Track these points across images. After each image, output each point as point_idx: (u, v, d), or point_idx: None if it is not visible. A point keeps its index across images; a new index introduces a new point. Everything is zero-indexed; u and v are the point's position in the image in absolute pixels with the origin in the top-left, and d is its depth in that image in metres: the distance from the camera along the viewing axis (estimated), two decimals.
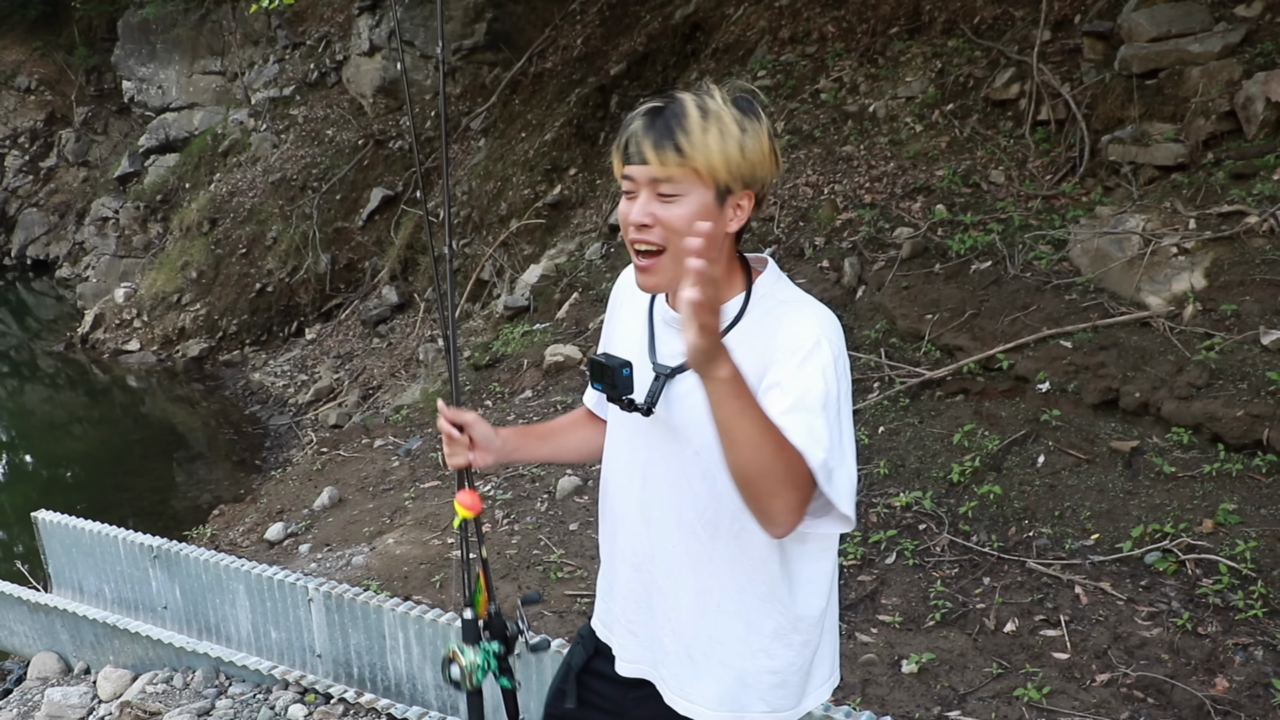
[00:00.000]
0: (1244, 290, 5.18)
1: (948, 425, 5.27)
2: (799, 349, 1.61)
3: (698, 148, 1.59)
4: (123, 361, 13.07)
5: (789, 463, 1.49)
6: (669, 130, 1.60)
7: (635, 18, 11.72)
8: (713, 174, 1.61)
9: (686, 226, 1.60)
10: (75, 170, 19.01)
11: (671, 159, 1.60)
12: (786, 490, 1.50)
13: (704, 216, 1.62)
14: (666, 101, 1.64)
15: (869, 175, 7.41)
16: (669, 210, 1.62)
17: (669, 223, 1.62)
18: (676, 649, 1.82)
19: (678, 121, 1.60)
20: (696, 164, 1.60)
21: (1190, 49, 6.37)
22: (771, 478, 1.49)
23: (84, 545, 4.88)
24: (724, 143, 1.60)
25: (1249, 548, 4.01)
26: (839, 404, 1.61)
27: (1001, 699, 3.61)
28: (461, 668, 1.91)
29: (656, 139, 1.60)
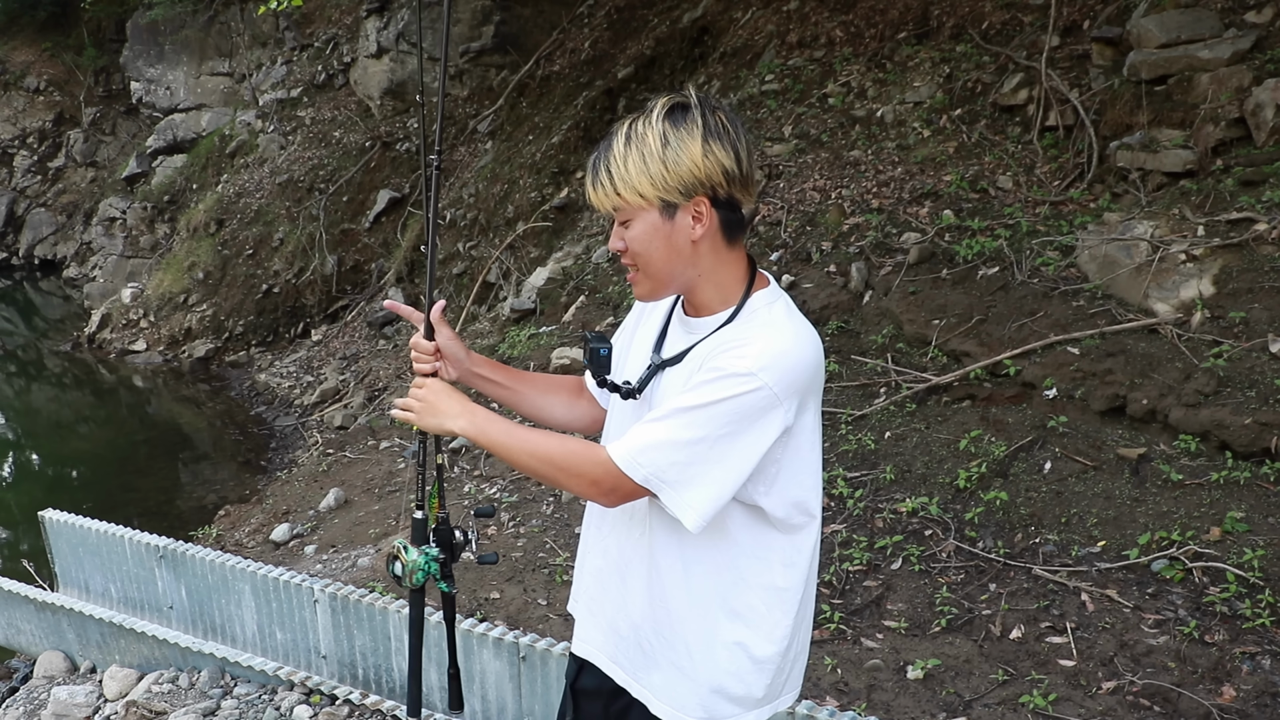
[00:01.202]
0: (1253, 298, 5.16)
1: (954, 431, 5.26)
2: (726, 368, 1.69)
3: (619, 177, 1.74)
4: (129, 361, 13.09)
5: (576, 462, 1.77)
6: (597, 168, 1.78)
7: (643, 21, 11.72)
8: (641, 195, 1.74)
9: (643, 245, 1.78)
10: (83, 170, 19.05)
11: (605, 192, 1.77)
12: (578, 483, 1.77)
13: (656, 231, 1.76)
14: (609, 138, 1.79)
15: (876, 180, 7.41)
16: (629, 233, 1.79)
17: (632, 241, 1.79)
18: (630, 635, 1.91)
19: (605, 156, 1.77)
20: (621, 191, 1.75)
21: (1200, 55, 6.36)
22: (557, 475, 1.80)
23: (90, 545, 4.88)
24: (645, 164, 1.72)
25: (1256, 556, 4.00)
26: (729, 427, 1.68)
27: (1007, 706, 3.60)
28: (403, 564, 2.00)
29: (592, 178, 1.79)
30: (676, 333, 1.90)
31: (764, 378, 1.67)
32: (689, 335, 1.85)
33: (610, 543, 1.95)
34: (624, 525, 1.90)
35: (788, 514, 1.81)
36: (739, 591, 1.82)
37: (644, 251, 1.78)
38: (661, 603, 1.85)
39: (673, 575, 1.83)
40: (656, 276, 1.80)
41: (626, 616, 1.91)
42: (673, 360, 1.84)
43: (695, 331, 1.84)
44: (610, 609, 1.95)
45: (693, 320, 1.86)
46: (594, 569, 2.00)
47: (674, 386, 1.80)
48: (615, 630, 1.93)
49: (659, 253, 1.77)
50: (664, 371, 1.85)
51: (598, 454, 1.75)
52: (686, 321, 1.88)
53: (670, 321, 1.94)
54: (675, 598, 1.84)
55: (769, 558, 1.82)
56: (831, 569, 4.50)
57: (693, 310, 1.86)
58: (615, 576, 1.93)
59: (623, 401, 1.91)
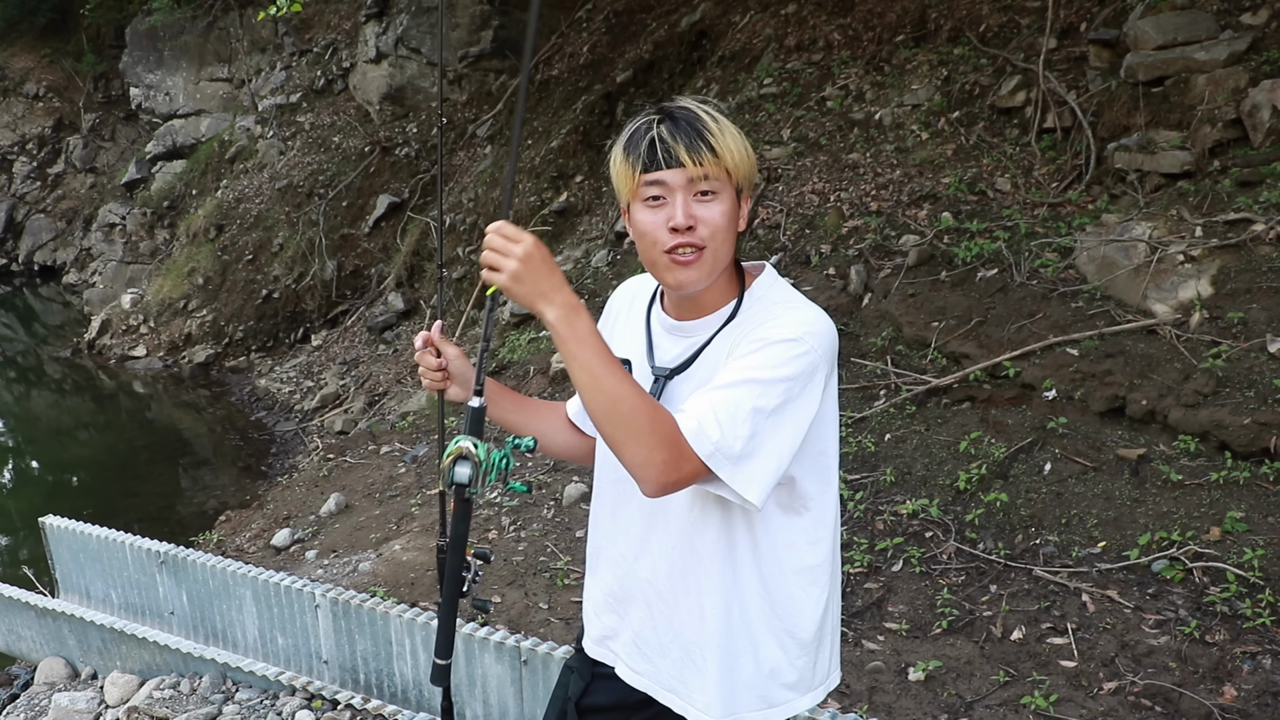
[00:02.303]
0: (1251, 298, 5.17)
1: (954, 433, 5.26)
2: (770, 335, 1.65)
3: (724, 149, 1.66)
4: (129, 367, 13.10)
5: (646, 422, 1.55)
6: (697, 133, 1.65)
7: (641, 25, 11.74)
8: (736, 173, 1.68)
9: (726, 221, 1.69)
10: (82, 176, 19.07)
11: (708, 159, 1.65)
12: (638, 447, 1.55)
13: (733, 214, 1.70)
14: (672, 109, 1.69)
15: (875, 183, 7.42)
16: (708, 209, 1.67)
17: (710, 219, 1.67)
18: (679, 652, 1.83)
19: (701, 124, 1.66)
20: (727, 163, 1.66)
21: (1196, 56, 6.37)
22: (620, 429, 1.56)
23: (91, 551, 4.89)
24: (740, 143, 1.68)
25: (1256, 556, 4.00)
26: (786, 394, 1.62)
27: (1009, 707, 3.61)
28: (476, 462, 1.69)
29: (689, 142, 1.65)
30: (668, 341, 1.82)
31: (809, 342, 1.65)
32: (686, 340, 1.80)
33: (642, 564, 1.85)
34: (670, 541, 1.80)
35: (814, 486, 1.77)
36: (777, 579, 1.78)
37: (721, 230, 1.68)
38: (714, 611, 1.79)
39: (723, 579, 1.77)
40: (717, 260, 1.70)
41: (676, 634, 1.82)
42: (679, 369, 1.77)
43: (692, 334, 1.79)
44: (653, 626, 1.85)
45: (688, 324, 1.79)
46: (626, 584, 1.89)
47: (685, 396, 1.73)
48: (659, 648, 1.85)
49: (729, 236, 1.70)
50: (670, 382, 1.78)
51: (672, 423, 1.58)
52: (680, 326, 1.80)
53: (651, 329, 1.86)
54: (724, 603, 1.78)
55: (797, 541, 1.79)
56: None
57: (689, 312, 1.79)
58: (652, 596, 1.84)
59: None
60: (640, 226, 1.71)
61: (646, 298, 1.92)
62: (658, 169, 1.66)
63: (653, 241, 1.70)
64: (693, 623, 1.80)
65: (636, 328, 1.89)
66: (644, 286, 1.94)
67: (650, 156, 1.66)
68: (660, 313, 1.84)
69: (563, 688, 2.05)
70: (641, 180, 1.68)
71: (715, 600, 1.78)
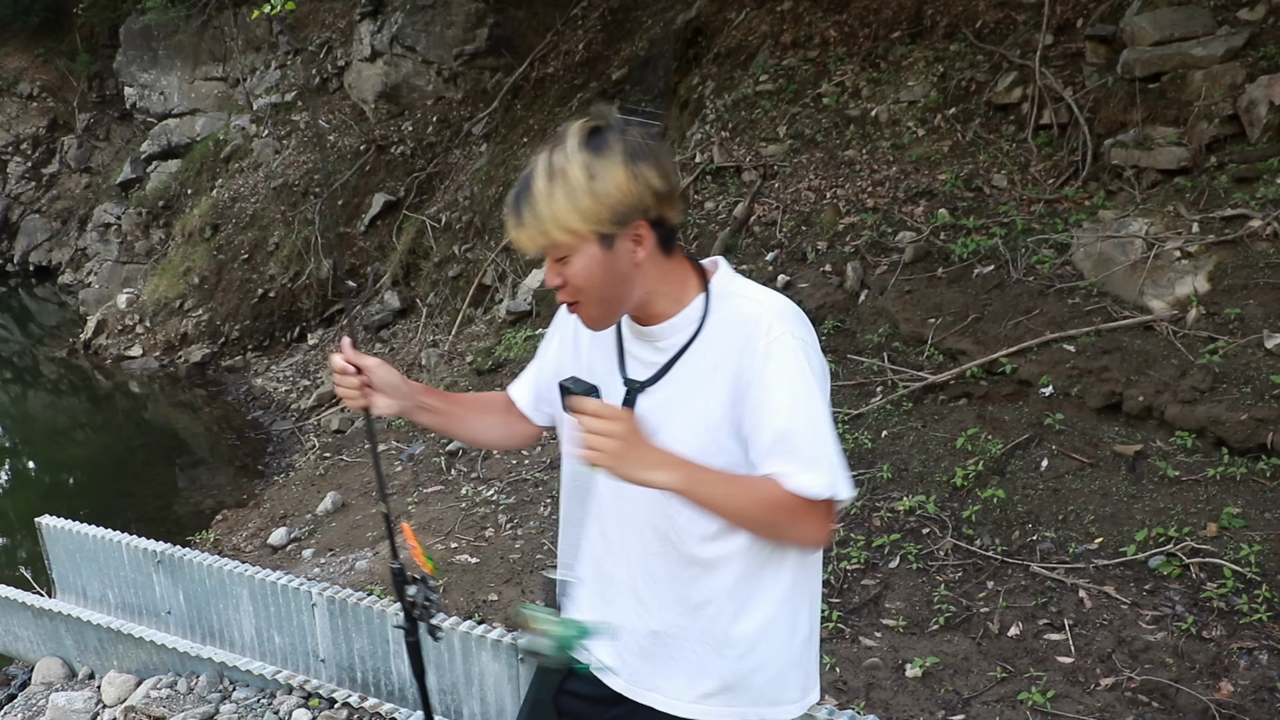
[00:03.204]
0: (1247, 294, 5.17)
1: (951, 429, 5.27)
2: (769, 353, 1.66)
3: (547, 217, 1.64)
4: (125, 367, 13.08)
5: (787, 511, 1.65)
6: (519, 209, 1.67)
7: (637, 22, 11.73)
8: (575, 232, 1.65)
9: (585, 280, 1.69)
10: (77, 176, 19.03)
11: (530, 233, 1.67)
12: (798, 527, 1.68)
13: (597, 263, 1.68)
14: (525, 174, 1.70)
15: (871, 179, 7.42)
16: (569, 268, 1.69)
17: (574, 277, 1.69)
18: (641, 645, 1.85)
19: (526, 195, 1.66)
20: (551, 231, 1.65)
21: (1193, 52, 6.37)
22: (774, 527, 1.69)
23: (88, 551, 4.88)
24: (572, 199, 1.63)
25: (1253, 551, 4.01)
26: (819, 396, 1.69)
27: (1006, 703, 3.61)
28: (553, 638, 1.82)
29: (515, 220, 1.69)
30: (637, 349, 1.81)
31: (797, 333, 1.70)
32: (654, 348, 1.79)
33: (620, 568, 1.86)
34: (648, 547, 1.81)
35: None
36: (776, 573, 1.80)
37: (587, 285, 1.69)
38: (683, 611, 1.81)
39: (696, 585, 1.80)
40: (605, 304, 1.72)
41: (633, 631, 1.85)
42: (649, 382, 1.77)
43: (658, 339, 1.77)
44: (622, 624, 1.87)
45: (654, 329, 1.78)
46: (596, 594, 1.90)
47: (661, 406, 1.74)
48: (626, 643, 1.87)
49: (604, 283, 1.69)
50: (641, 394, 1.78)
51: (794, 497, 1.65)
52: (646, 333, 1.79)
53: (622, 335, 1.85)
54: (694, 603, 1.81)
55: (773, 560, 1.82)
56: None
57: (649, 319, 1.78)
58: (628, 596, 1.85)
59: None
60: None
61: None
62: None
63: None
64: (661, 618, 1.83)
65: (609, 337, 1.87)
66: None
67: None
68: (628, 319, 1.83)
69: (536, 684, 2.05)
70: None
71: (690, 602, 1.81)
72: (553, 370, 1.96)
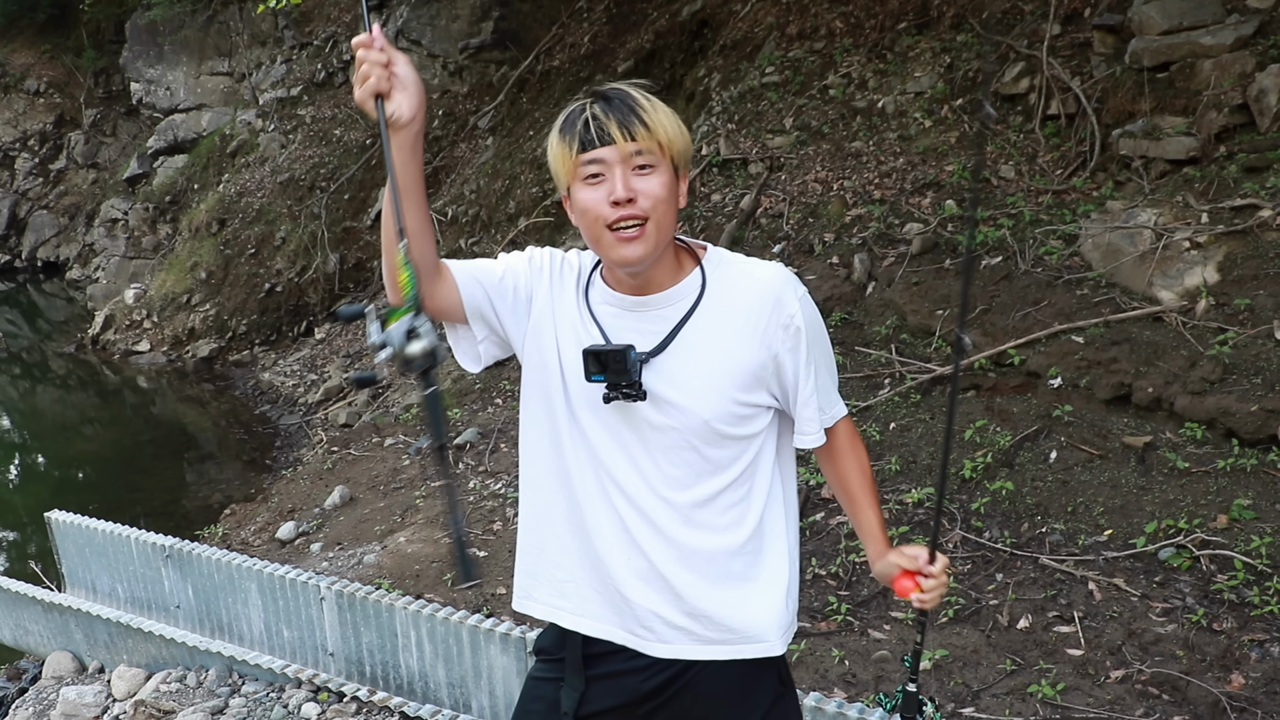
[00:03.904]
0: (1257, 284, 5.15)
1: (959, 421, 5.25)
2: (789, 311, 1.77)
3: (657, 124, 1.70)
4: (133, 362, 13.11)
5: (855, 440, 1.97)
6: (630, 110, 1.70)
7: (642, 15, 11.70)
8: (670, 148, 1.72)
9: (666, 193, 1.71)
10: (84, 172, 19.07)
11: (641, 133, 1.69)
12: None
13: (672, 187, 1.73)
14: (605, 91, 1.73)
15: (878, 171, 7.39)
16: (647, 182, 1.70)
17: (650, 191, 1.70)
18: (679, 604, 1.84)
19: (634, 102, 1.70)
20: (659, 137, 1.70)
21: (1202, 41, 6.33)
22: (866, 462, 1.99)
23: (97, 545, 4.89)
24: (673, 121, 1.73)
25: (1264, 543, 3.99)
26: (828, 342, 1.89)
27: (1015, 695, 3.60)
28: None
29: (621, 119, 1.69)
30: (628, 319, 1.80)
31: (806, 293, 1.83)
32: (652, 317, 1.78)
33: (643, 536, 1.83)
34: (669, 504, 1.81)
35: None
36: (756, 510, 1.87)
37: (657, 204, 1.70)
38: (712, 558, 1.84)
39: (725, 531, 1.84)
40: (660, 233, 1.72)
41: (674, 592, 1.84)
42: (654, 352, 1.77)
43: (659, 307, 1.78)
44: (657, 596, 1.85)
45: (651, 298, 1.78)
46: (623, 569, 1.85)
47: (668, 374, 1.75)
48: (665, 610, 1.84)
49: (667, 209, 1.72)
50: (650, 363, 1.76)
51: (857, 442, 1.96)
52: (642, 302, 1.79)
53: (595, 311, 1.82)
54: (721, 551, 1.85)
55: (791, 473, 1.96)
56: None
57: (646, 288, 1.78)
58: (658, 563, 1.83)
59: (610, 402, 1.77)
60: (582, 204, 1.72)
61: (575, 274, 1.88)
62: (593, 147, 1.69)
63: (595, 218, 1.71)
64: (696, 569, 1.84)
65: (570, 305, 1.84)
66: (574, 263, 1.90)
67: (585, 136, 1.69)
68: (608, 291, 1.82)
69: (539, 701, 1.97)
70: (579, 160, 1.71)
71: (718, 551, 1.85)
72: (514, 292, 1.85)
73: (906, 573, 1.89)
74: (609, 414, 1.80)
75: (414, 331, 1.63)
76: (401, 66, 1.66)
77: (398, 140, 1.67)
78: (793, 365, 1.80)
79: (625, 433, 1.80)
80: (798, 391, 1.82)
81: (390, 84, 1.65)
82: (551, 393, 1.84)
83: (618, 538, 1.84)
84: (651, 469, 1.80)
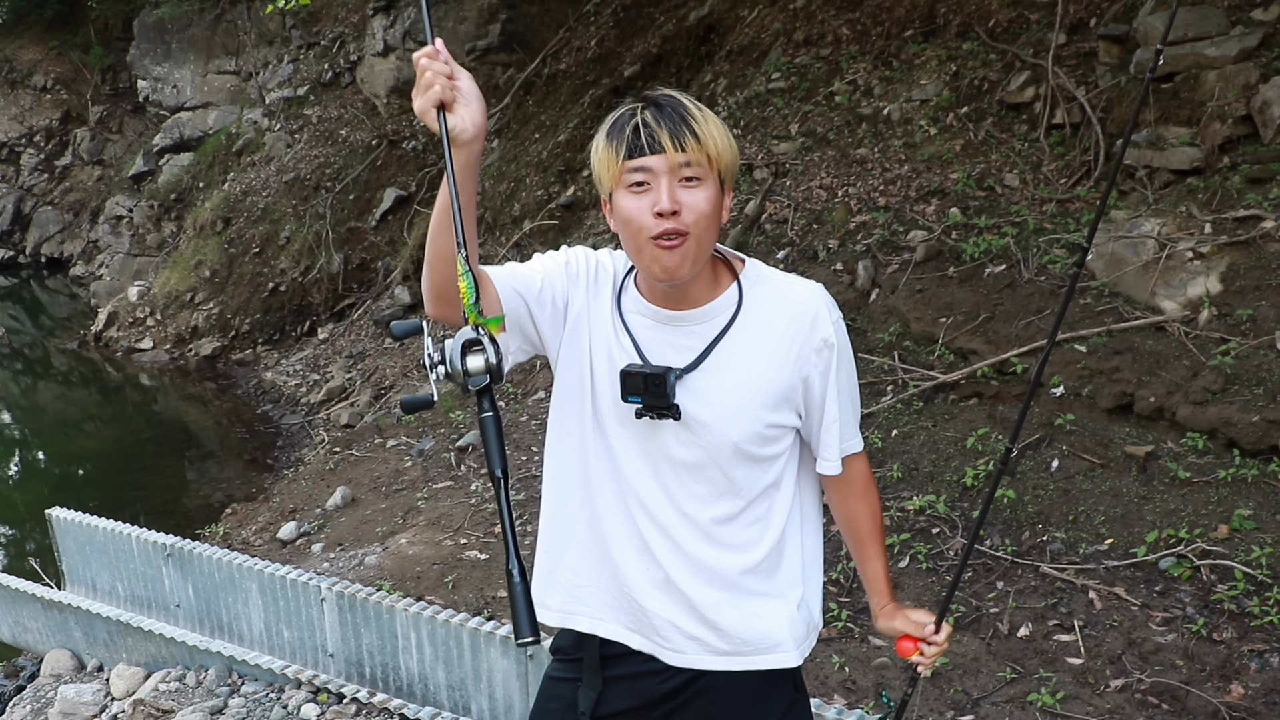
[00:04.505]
0: (1260, 295, 5.15)
1: (961, 429, 5.25)
2: (825, 336, 1.77)
3: (708, 135, 1.66)
4: (136, 360, 13.13)
5: (869, 484, 2.00)
6: (681, 119, 1.65)
7: (649, 19, 11.72)
8: (719, 161, 1.68)
9: (710, 208, 1.68)
10: (90, 169, 19.11)
11: (691, 144, 1.64)
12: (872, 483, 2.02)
13: (717, 202, 1.70)
14: (657, 97, 1.69)
15: (883, 178, 7.40)
16: (693, 195, 1.66)
17: (695, 205, 1.66)
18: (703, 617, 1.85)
19: (685, 111, 1.66)
20: (709, 150, 1.66)
21: (1207, 53, 6.34)
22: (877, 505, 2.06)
23: (97, 543, 4.90)
24: (724, 134, 1.69)
25: (1264, 553, 3.99)
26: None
27: (1015, 704, 3.60)
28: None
29: (673, 127, 1.64)
30: (662, 333, 1.78)
31: (840, 318, 1.82)
32: (688, 332, 1.77)
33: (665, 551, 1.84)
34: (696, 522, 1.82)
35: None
36: (810, 531, 1.98)
37: (700, 218, 1.66)
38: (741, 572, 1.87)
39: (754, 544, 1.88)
40: (702, 247, 1.69)
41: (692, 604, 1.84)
42: (689, 368, 1.75)
43: (696, 322, 1.77)
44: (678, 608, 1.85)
45: (687, 314, 1.77)
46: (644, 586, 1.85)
47: (700, 391, 1.75)
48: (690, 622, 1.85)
49: (710, 224, 1.68)
50: (684, 379, 1.75)
51: (871, 486, 1.99)
52: (678, 317, 1.77)
53: (628, 322, 1.80)
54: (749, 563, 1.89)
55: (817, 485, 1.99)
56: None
57: (683, 303, 1.76)
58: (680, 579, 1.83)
59: (643, 420, 1.76)
60: (624, 213, 1.68)
61: (610, 280, 1.85)
62: (642, 154, 1.65)
63: (638, 228, 1.67)
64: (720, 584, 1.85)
65: (604, 313, 1.82)
66: (609, 266, 1.86)
67: (634, 142, 1.65)
68: (642, 301, 1.79)
69: (557, 700, 1.97)
70: (625, 166, 1.66)
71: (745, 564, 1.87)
72: (552, 303, 1.82)
73: (910, 635, 1.96)
74: (637, 427, 1.78)
75: (473, 344, 1.56)
76: (465, 81, 1.62)
77: (458, 157, 1.61)
78: (821, 388, 1.80)
79: (651, 447, 1.79)
80: (823, 415, 1.82)
81: (454, 95, 1.60)
82: (583, 401, 1.83)
83: (635, 548, 1.85)
84: (674, 484, 1.80)
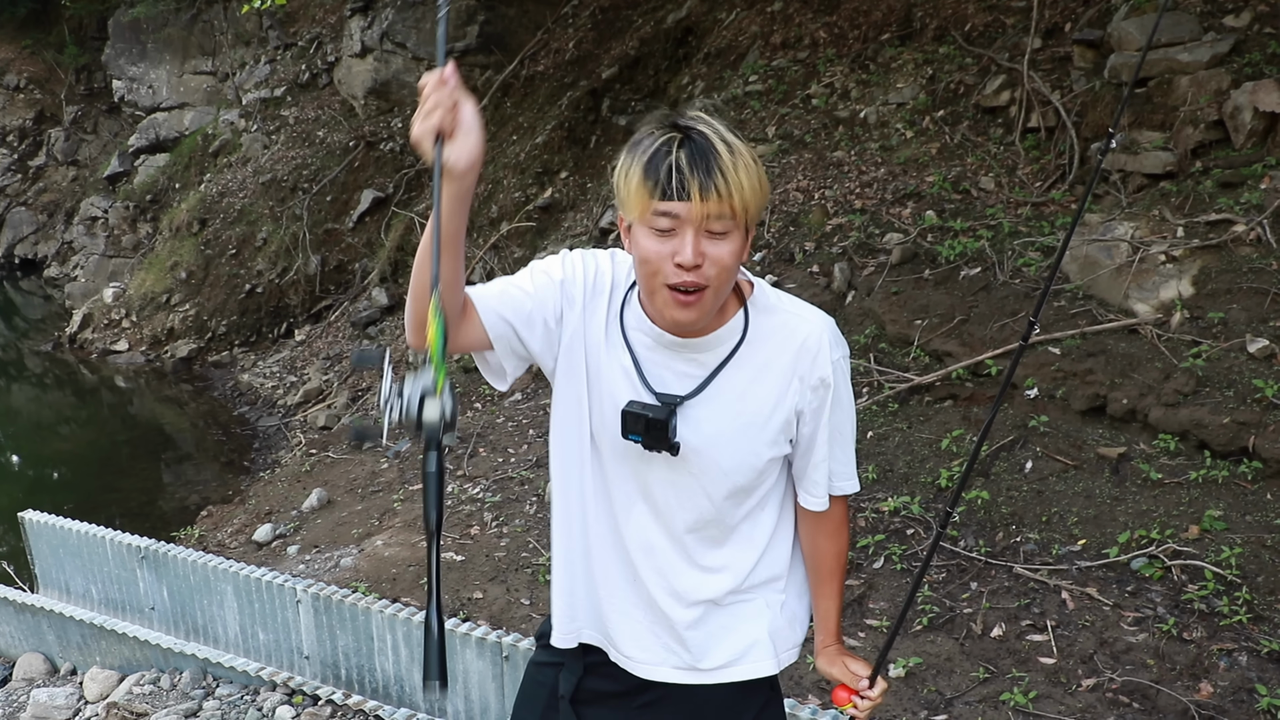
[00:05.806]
0: (1231, 298, 5.21)
1: (936, 430, 5.29)
2: (824, 377, 1.78)
3: (737, 185, 1.58)
4: (111, 362, 13.02)
5: (842, 526, 1.97)
6: (710, 168, 1.57)
7: (627, 21, 11.73)
8: (746, 213, 1.62)
9: (732, 261, 1.63)
10: (64, 169, 18.93)
11: (722, 196, 1.58)
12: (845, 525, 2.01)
13: (738, 254, 1.65)
14: (692, 130, 1.60)
15: (859, 181, 7.44)
16: (717, 248, 1.61)
17: (718, 259, 1.62)
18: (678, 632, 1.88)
19: (717, 157, 1.58)
20: (736, 202, 1.59)
21: (1179, 58, 6.40)
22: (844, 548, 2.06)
23: (71, 546, 4.86)
24: (752, 179, 1.60)
25: (1234, 554, 4.04)
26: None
27: (988, 703, 3.63)
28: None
29: (703, 179, 1.57)
30: (662, 357, 1.76)
31: (846, 354, 1.83)
32: (691, 360, 1.75)
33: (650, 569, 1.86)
34: (682, 543, 1.84)
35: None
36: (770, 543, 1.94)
37: (723, 271, 1.62)
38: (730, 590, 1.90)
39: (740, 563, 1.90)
40: (718, 298, 1.67)
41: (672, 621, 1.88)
42: (690, 395, 1.74)
43: (700, 350, 1.74)
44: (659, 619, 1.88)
45: (693, 341, 1.74)
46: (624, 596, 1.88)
47: (699, 420, 1.74)
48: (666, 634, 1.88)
49: (731, 275, 1.65)
50: (683, 407, 1.73)
51: (844, 527, 1.98)
52: (683, 344, 1.74)
53: (631, 342, 1.77)
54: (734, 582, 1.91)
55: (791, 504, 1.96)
56: None
57: (689, 330, 1.72)
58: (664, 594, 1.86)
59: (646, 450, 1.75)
60: (644, 252, 1.63)
61: (607, 291, 1.80)
62: (670, 199, 1.58)
63: (655, 271, 1.64)
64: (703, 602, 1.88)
65: (600, 328, 1.79)
66: (608, 274, 1.81)
67: (666, 185, 1.58)
68: (646, 321, 1.75)
69: (541, 686, 2.00)
70: (654, 207, 1.60)
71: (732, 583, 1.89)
72: (544, 324, 1.77)
73: (846, 685, 1.95)
74: (628, 447, 1.77)
75: (432, 391, 1.47)
76: (468, 112, 1.56)
77: (450, 189, 1.55)
78: (811, 426, 1.80)
79: (641, 468, 1.80)
80: (811, 453, 1.82)
81: (454, 125, 1.54)
82: (580, 421, 1.82)
83: (617, 564, 1.87)
84: (662, 506, 1.81)
